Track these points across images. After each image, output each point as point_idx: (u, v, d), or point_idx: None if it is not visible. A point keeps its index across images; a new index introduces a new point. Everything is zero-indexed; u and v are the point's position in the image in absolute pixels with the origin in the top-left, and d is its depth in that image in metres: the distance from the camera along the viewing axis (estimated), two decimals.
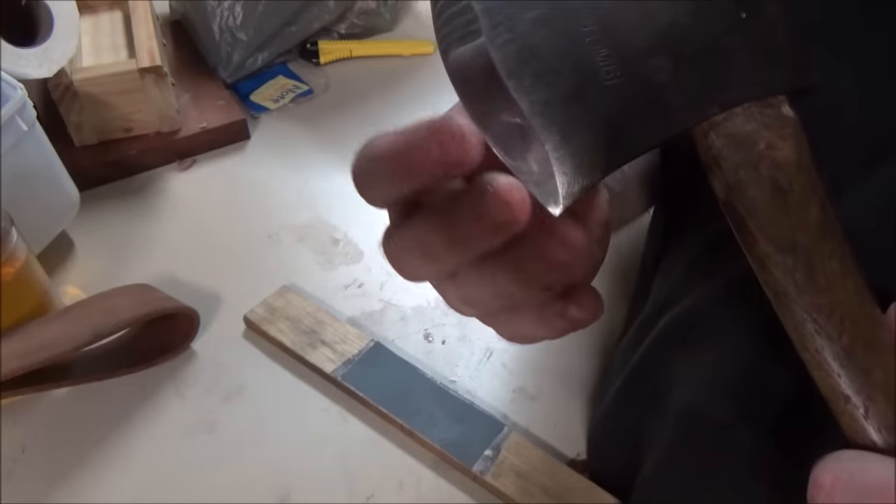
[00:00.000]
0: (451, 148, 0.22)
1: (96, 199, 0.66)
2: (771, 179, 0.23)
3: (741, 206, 0.24)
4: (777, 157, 0.23)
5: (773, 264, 0.24)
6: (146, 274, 0.60)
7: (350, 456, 0.49)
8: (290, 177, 0.71)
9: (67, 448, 0.49)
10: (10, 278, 0.48)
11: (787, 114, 0.24)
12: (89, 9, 0.75)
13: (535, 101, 0.23)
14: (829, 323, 0.23)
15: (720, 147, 0.24)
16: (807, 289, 0.23)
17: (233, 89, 0.79)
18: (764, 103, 0.24)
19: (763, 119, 0.23)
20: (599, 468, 0.49)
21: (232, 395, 0.52)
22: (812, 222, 0.23)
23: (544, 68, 0.23)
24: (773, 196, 0.23)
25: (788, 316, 0.24)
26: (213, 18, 0.76)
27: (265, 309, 0.56)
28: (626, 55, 0.23)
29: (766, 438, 0.35)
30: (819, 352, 0.24)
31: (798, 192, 0.23)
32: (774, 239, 0.24)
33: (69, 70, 0.64)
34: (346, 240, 0.64)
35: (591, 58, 0.23)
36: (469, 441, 0.48)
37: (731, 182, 0.24)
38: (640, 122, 0.23)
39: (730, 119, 0.23)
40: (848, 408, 0.23)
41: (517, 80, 0.23)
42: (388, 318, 0.58)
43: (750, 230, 0.24)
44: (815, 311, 0.23)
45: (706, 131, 0.24)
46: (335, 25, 0.86)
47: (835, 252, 0.24)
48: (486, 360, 0.55)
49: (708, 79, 0.23)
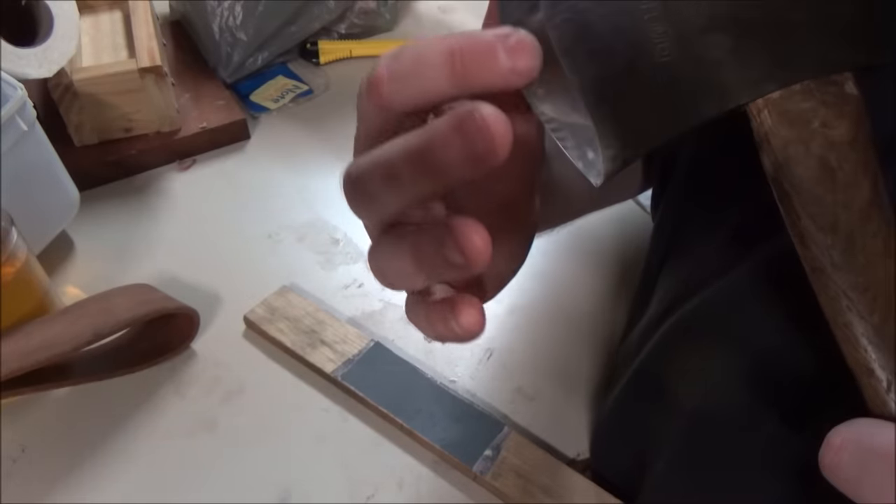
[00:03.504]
0: (478, 145, 0.19)
1: (96, 199, 0.66)
2: (820, 157, 0.23)
3: (787, 183, 0.24)
4: (831, 136, 0.23)
5: (812, 241, 0.24)
6: (146, 274, 0.60)
7: (350, 456, 0.49)
8: (290, 177, 0.71)
9: (67, 448, 0.49)
10: (10, 278, 0.48)
11: (849, 92, 0.23)
12: (89, 9, 0.75)
13: (587, 77, 0.23)
14: (861, 300, 0.23)
15: (772, 124, 0.23)
16: (843, 267, 0.24)
17: (233, 89, 0.79)
18: (826, 80, 0.23)
19: (822, 96, 0.23)
20: (603, 467, 0.49)
21: (232, 395, 0.52)
22: (859, 202, 0.23)
23: (599, 46, 0.23)
24: (820, 174, 0.23)
25: (822, 290, 0.24)
26: (213, 18, 0.76)
27: (265, 309, 0.56)
28: (683, 32, 0.23)
29: (780, 436, 0.35)
30: (849, 327, 0.24)
31: (848, 172, 0.23)
32: (816, 217, 0.24)
33: (69, 70, 0.64)
34: (346, 240, 0.64)
35: (646, 35, 0.23)
36: (469, 441, 0.48)
37: (780, 158, 0.24)
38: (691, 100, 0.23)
39: (786, 96, 0.23)
40: (871, 381, 0.24)
41: (571, 59, 0.23)
42: (388, 318, 0.58)
43: (794, 206, 0.24)
44: (849, 288, 0.24)
45: (760, 108, 0.23)
46: (335, 25, 0.86)
47: (879, 231, 0.23)
48: (486, 360, 0.55)
49: (767, 55, 0.23)
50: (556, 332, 0.57)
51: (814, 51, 0.23)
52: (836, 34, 0.23)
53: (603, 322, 0.58)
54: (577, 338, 0.57)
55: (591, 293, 0.61)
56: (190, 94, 0.76)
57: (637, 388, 0.45)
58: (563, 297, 0.60)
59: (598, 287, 0.61)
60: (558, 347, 0.56)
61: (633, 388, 0.45)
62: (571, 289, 0.61)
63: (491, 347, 0.56)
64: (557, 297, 0.60)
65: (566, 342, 0.57)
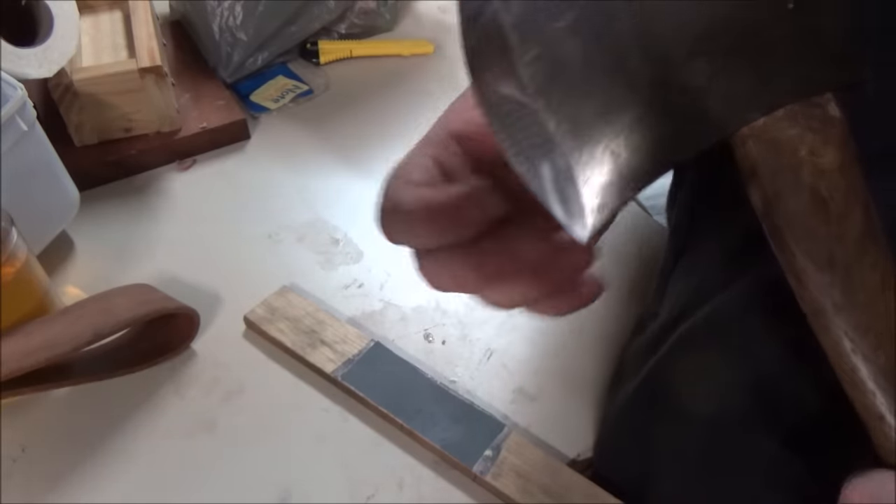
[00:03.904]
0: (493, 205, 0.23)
1: (96, 199, 0.66)
2: (811, 188, 0.22)
3: (779, 217, 0.23)
4: (820, 164, 0.22)
5: (810, 281, 0.23)
6: (146, 274, 0.60)
7: (350, 456, 0.49)
8: (290, 177, 0.71)
9: (67, 448, 0.49)
10: (10, 278, 0.48)
11: (833, 114, 0.22)
12: (89, 9, 0.75)
13: (563, 119, 0.21)
14: (864, 341, 0.22)
15: (758, 154, 0.22)
16: (844, 307, 0.22)
17: (233, 89, 0.79)
18: (809, 103, 0.22)
19: (807, 121, 0.22)
20: (609, 471, 0.48)
21: (232, 395, 0.52)
22: (853, 231, 0.22)
23: (575, 83, 0.21)
24: (812, 206, 0.22)
25: (824, 333, 0.23)
26: (213, 18, 0.76)
27: (265, 309, 0.56)
28: (661, 62, 0.21)
29: (783, 456, 0.34)
30: (854, 371, 0.23)
31: (840, 201, 0.22)
32: (811, 252, 0.22)
33: (69, 70, 0.64)
34: (346, 240, 0.64)
35: (624, 67, 0.21)
36: (469, 441, 0.48)
37: (770, 192, 0.23)
38: (676, 135, 0.22)
39: (771, 123, 0.22)
40: (882, 426, 0.23)
41: (546, 100, 0.21)
42: (388, 318, 0.58)
43: (787, 244, 0.23)
44: (851, 328, 0.23)
45: (745, 138, 0.22)
46: (335, 25, 0.86)
47: (877, 263, 0.22)
48: (486, 360, 0.55)
49: (749, 79, 0.22)
50: (556, 332, 0.57)
51: (796, 70, 0.22)
52: (817, 52, 0.22)
53: (603, 321, 0.58)
54: (577, 337, 0.57)
55: None
56: (190, 94, 0.76)
57: (647, 392, 0.45)
58: None
59: None
60: (558, 347, 0.56)
61: (643, 391, 0.45)
62: None
63: (491, 347, 0.56)
64: None
65: (566, 342, 0.57)
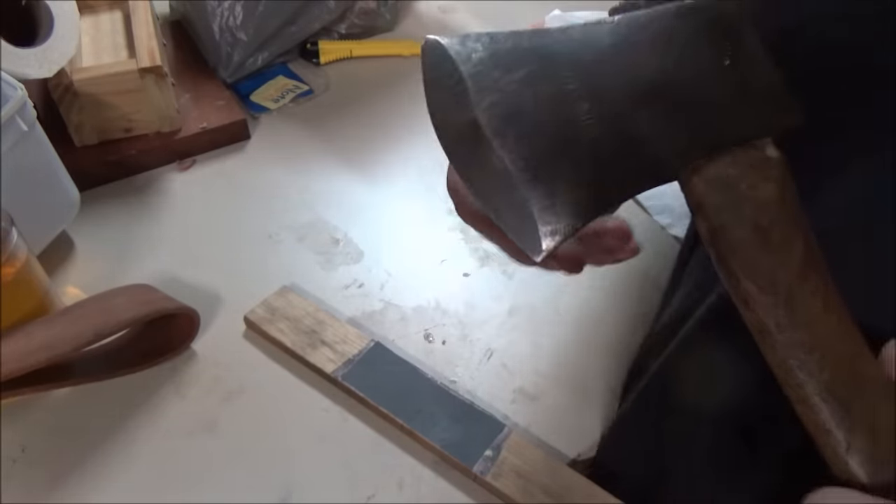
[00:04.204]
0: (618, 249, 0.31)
1: (96, 199, 0.66)
2: (752, 219, 0.24)
3: (724, 246, 0.25)
4: (759, 197, 0.24)
5: (755, 303, 0.24)
6: (146, 274, 0.60)
7: (350, 456, 0.49)
8: (290, 177, 0.71)
9: (67, 448, 0.49)
10: (10, 278, 0.48)
11: (771, 155, 0.25)
12: (89, 9, 0.75)
13: (518, 157, 0.24)
14: (810, 359, 0.24)
15: (703, 190, 0.25)
16: (788, 327, 0.24)
17: (233, 89, 0.79)
18: (748, 146, 0.24)
19: (748, 160, 0.24)
20: (614, 467, 0.48)
21: (232, 395, 0.52)
22: (794, 259, 0.24)
23: (528, 127, 0.24)
24: (754, 236, 0.24)
25: (770, 352, 0.25)
26: (213, 18, 0.76)
27: (265, 309, 0.56)
28: (609, 110, 0.24)
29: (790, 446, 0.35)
30: (801, 387, 0.24)
31: (780, 231, 0.24)
32: (757, 278, 0.24)
33: (69, 70, 0.64)
34: (346, 240, 0.64)
35: (574, 114, 0.24)
36: (469, 441, 0.48)
37: (715, 224, 0.25)
38: (622, 174, 0.24)
39: (713, 163, 0.24)
40: (830, 441, 0.24)
41: (502, 139, 0.24)
42: (388, 318, 0.58)
43: (733, 270, 0.25)
44: (796, 347, 0.24)
45: (690, 176, 0.25)
46: (335, 25, 0.86)
47: (818, 289, 0.24)
48: (487, 360, 0.55)
49: (691, 127, 0.24)
50: (557, 332, 0.57)
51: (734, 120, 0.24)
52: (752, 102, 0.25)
53: (604, 322, 0.58)
54: (577, 337, 0.57)
55: (591, 293, 0.61)
56: (190, 94, 0.76)
57: (655, 392, 0.45)
58: (562, 297, 0.60)
59: (598, 287, 0.61)
60: (558, 347, 0.56)
61: (652, 390, 0.45)
62: (571, 289, 0.61)
63: (491, 347, 0.56)
64: (557, 297, 0.60)
65: (566, 342, 0.57)
